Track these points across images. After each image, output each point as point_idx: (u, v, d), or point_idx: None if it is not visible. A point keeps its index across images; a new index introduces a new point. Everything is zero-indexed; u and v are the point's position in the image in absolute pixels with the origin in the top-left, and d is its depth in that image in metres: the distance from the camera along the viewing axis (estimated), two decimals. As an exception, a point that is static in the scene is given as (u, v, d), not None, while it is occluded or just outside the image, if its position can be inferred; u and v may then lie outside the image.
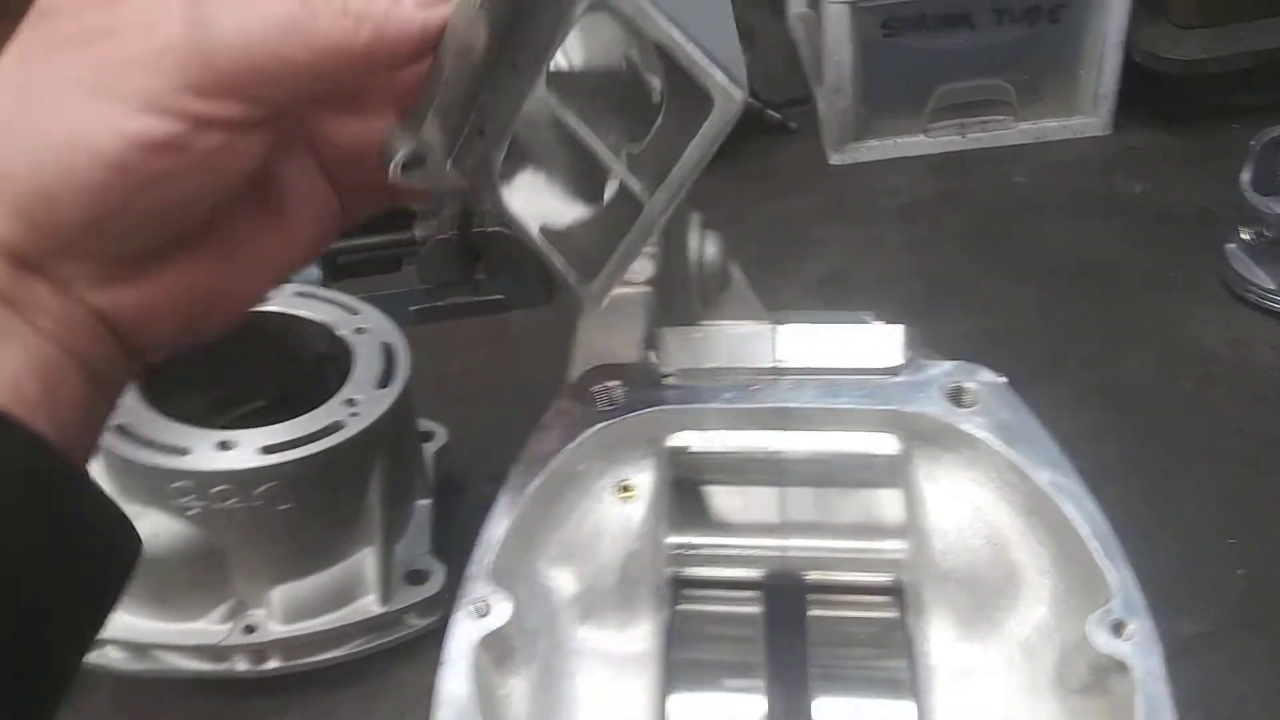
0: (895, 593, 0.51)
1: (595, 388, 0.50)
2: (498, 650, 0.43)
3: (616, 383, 0.50)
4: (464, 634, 0.43)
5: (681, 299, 0.68)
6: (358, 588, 0.74)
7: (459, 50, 0.35)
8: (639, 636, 0.49)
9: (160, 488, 0.70)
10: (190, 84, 0.31)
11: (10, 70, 0.32)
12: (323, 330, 0.82)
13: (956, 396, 0.48)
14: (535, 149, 0.39)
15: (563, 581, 0.48)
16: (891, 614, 0.50)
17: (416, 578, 0.77)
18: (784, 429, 0.50)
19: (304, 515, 0.72)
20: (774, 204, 1.29)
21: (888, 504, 0.52)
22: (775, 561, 0.53)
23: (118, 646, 0.77)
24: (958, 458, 0.48)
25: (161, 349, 0.37)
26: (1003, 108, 1.33)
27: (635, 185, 0.37)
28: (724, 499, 0.55)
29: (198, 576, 0.73)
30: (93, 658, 0.79)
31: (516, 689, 0.44)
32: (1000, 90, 1.31)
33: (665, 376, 0.51)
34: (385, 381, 0.77)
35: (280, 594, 0.72)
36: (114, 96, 0.31)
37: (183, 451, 0.69)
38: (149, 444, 0.69)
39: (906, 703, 0.46)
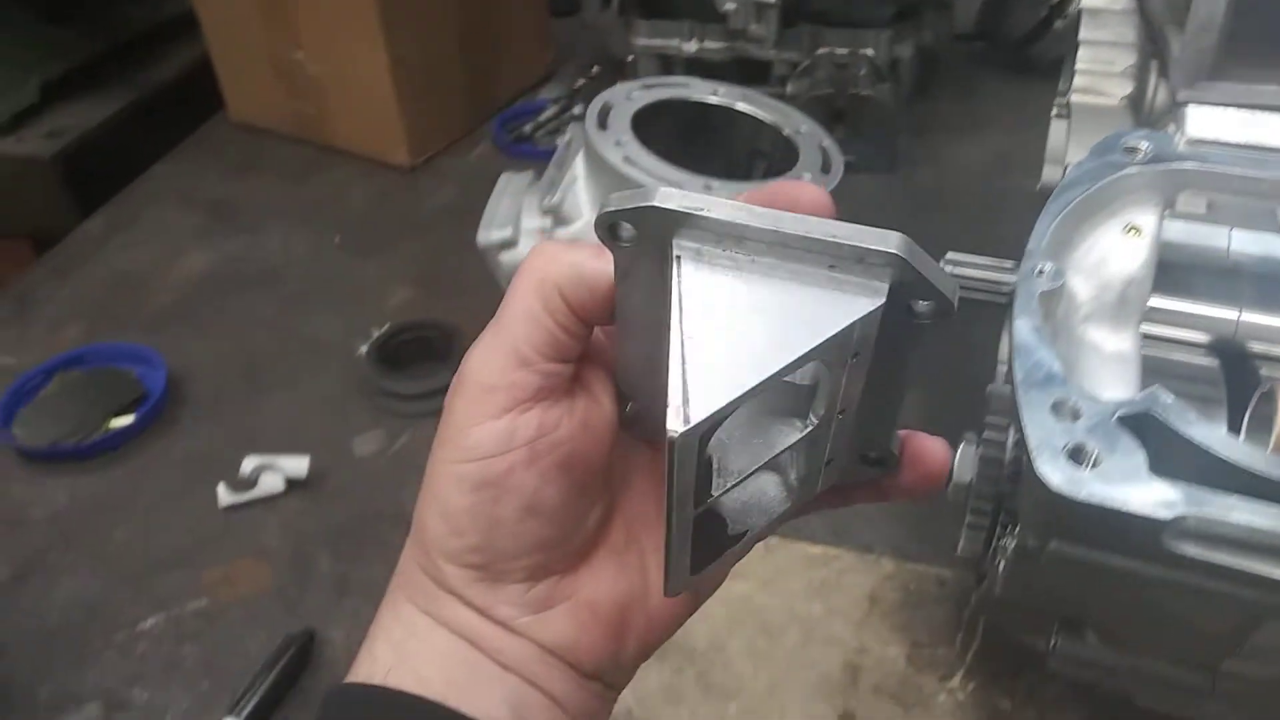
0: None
1: (1124, 143, 0.61)
2: (1046, 306, 0.55)
3: (1142, 142, 0.61)
4: (1028, 289, 0.55)
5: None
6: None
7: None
8: (1123, 340, 0.60)
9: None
10: (492, 387, 0.37)
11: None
12: (768, 129, 0.96)
13: None
14: None
15: (1076, 286, 0.60)
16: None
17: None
18: (1287, 201, 0.59)
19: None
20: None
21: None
22: (1227, 328, 0.64)
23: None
24: None
25: (607, 671, 0.41)
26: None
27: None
28: (1190, 270, 0.65)
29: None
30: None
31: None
32: (1370, 53, 1.33)
33: (1186, 143, 0.61)
34: (826, 169, 0.90)
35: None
36: (459, 428, 0.37)
37: (676, 185, 0.84)
38: (651, 174, 0.84)
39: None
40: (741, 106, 0.96)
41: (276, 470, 0.99)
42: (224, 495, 0.98)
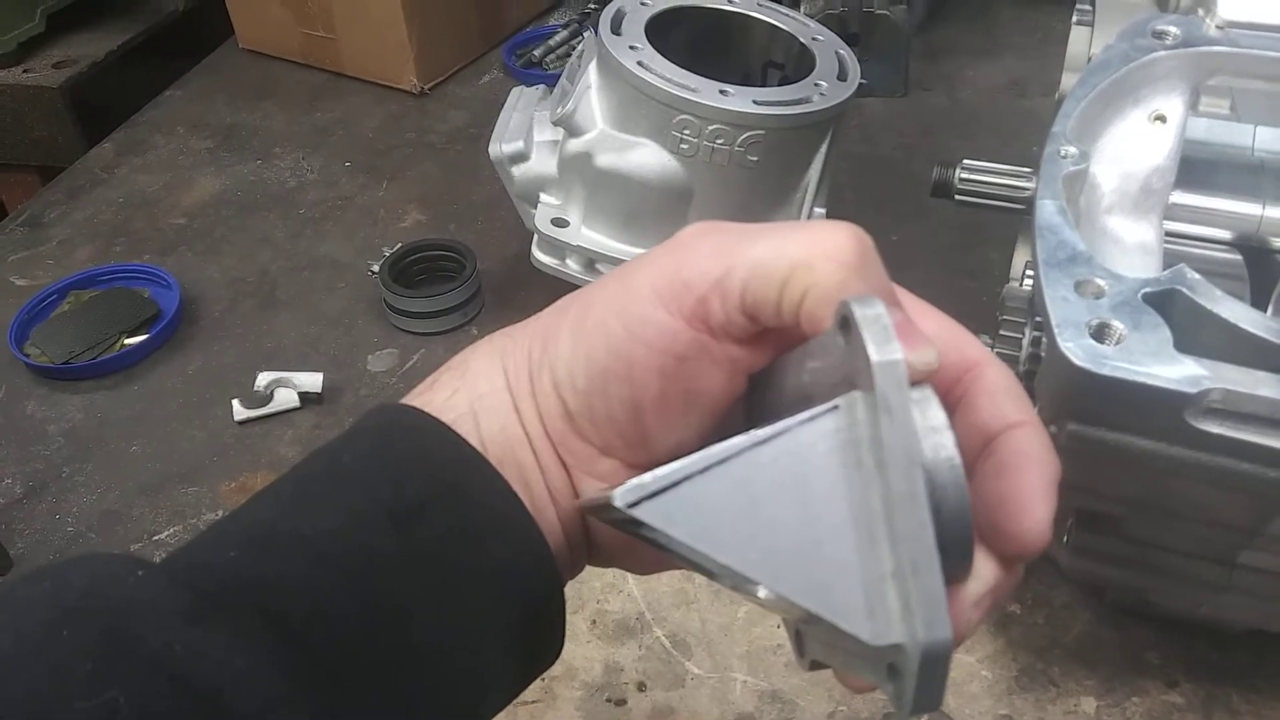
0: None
1: (1153, 27, 0.59)
2: (1070, 190, 0.54)
3: (1172, 26, 0.59)
4: (1052, 170, 0.54)
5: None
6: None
7: None
8: (1146, 231, 0.59)
9: (665, 120, 0.83)
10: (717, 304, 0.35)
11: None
12: (784, 36, 0.94)
13: None
14: None
15: (1100, 175, 0.59)
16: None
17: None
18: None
19: (762, 174, 0.85)
20: None
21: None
22: (1250, 225, 0.63)
23: (578, 257, 0.93)
24: None
25: (603, 552, 0.42)
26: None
27: None
28: (1214, 167, 0.64)
29: (664, 209, 0.88)
30: (553, 264, 0.95)
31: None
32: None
33: (1216, 26, 0.59)
34: (843, 77, 0.88)
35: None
36: (638, 290, 0.36)
37: (692, 89, 0.82)
38: (666, 79, 0.83)
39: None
40: (757, 14, 0.94)
41: (291, 385, 0.99)
42: (239, 410, 0.98)
